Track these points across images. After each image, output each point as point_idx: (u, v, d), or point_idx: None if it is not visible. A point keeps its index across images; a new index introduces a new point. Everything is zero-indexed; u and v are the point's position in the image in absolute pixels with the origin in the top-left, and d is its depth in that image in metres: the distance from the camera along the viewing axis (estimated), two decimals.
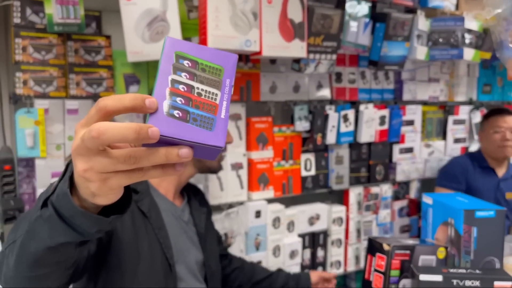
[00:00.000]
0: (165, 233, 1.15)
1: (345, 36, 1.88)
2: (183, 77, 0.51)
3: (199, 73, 0.52)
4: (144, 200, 1.15)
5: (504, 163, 2.33)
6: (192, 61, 0.52)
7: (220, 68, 0.53)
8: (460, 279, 1.05)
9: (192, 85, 0.51)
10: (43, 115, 1.44)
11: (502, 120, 2.25)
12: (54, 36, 1.47)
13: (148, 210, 1.14)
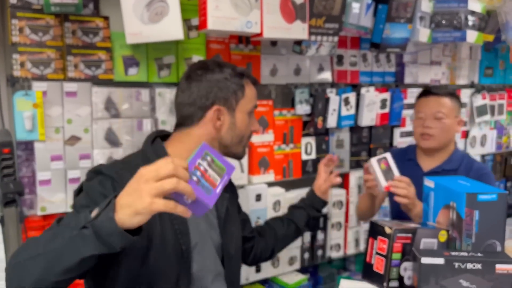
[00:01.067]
0: (181, 220, 1.12)
1: (347, 18, 1.85)
2: (204, 163, 0.90)
3: (213, 165, 0.92)
4: None
5: (436, 155, 1.82)
6: (212, 159, 0.92)
7: (224, 168, 0.93)
8: (462, 262, 1.05)
9: (207, 169, 0.90)
10: (41, 98, 1.42)
11: (424, 104, 1.80)
12: (51, 17, 1.44)
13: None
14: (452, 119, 1.76)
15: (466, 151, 2.67)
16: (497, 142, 2.81)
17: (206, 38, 1.76)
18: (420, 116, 1.79)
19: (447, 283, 1.05)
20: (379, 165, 1.53)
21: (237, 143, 1.26)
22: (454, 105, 1.79)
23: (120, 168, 1.11)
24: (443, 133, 1.75)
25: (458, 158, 1.80)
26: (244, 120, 1.25)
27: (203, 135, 1.21)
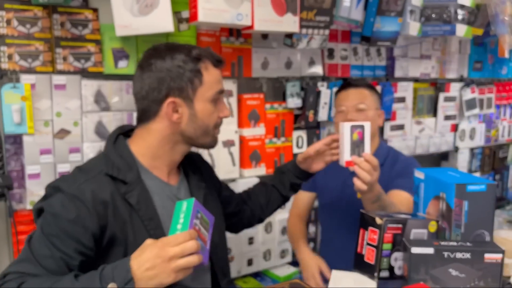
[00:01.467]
0: (156, 223, 1.08)
1: (338, 11, 1.85)
2: (198, 223, 0.97)
3: (203, 222, 0.99)
4: (134, 191, 1.06)
5: None
6: (201, 215, 1.00)
7: (208, 221, 1.02)
8: (451, 252, 1.06)
9: (200, 228, 0.97)
10: (29, 91, 1.41)
11: (344, 97, 1.69)
12: (39, 9, 1.42)
13: (137, 202, 1.06)
14: (374, 111, 1.68)
15: (456, 144, 2.70)
16: (486, 136, 2.84)
17: (197, 30, 1.75)
18: (342, 109, 1.68)
19: (437, 273, 1.06)
20: (351, 133, 1.29)
21: (202, 134, 1.14)
22: (375, 97, 1.72)
23: (82, 181, 1.03)
24: None
25: (384, 153, 1.72)
26: (206, 109, 1.12)
27: (162, 130, 1.11)
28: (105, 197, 1.02)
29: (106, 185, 1.04)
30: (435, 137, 2.57)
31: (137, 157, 1.12)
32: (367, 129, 1.31)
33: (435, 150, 2.58)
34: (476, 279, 1.06)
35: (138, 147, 1.13)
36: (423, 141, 2.52)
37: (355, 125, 1.30)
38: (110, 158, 1.08)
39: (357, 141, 1.30)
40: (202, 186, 1.24)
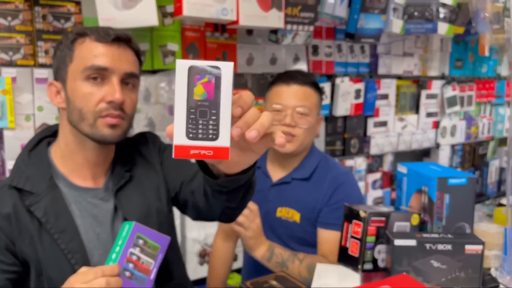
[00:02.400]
0: (70, 235, 0.95)
1: (323, 8, 1.86)
2: (136, 251, 0.87)
3: (146, 248, 0.88)
4: (41, 202, 0.94)
5: (290, 161, 1.43)
6: (144, 241, 0.88)
7: (158, 246, 0.90)
8: (433, 243, 1.08)
9: (140, 257, 0.87)
10: (10, 84, 1.38)
11: (286, 93, 1.36)
12: (20, 1, 1.39)
13: (44, 214, 0.94)
14: (316, 116, 1.40)
15: (437, 141, 2.74)
16: (466, 133, 2.90)
17: (182, 25, 1.74)
18: (278, 108, 1.35)
19: (419, 264, 1.08)
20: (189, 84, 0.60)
21: (79, 120, 0.95)
22: (318, 99, 1.42)
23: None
24: (307, 133, 1.36)
25: (311, 164, 1.41)
26: (77, 88, 0.94)
27: (62, 123, 1.01)
28: (7, 211, 0.93)
29: (8, 198, 0.94)
30: (417, 133, 2.61)
31: (55, 162, 1.01)
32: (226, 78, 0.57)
33: (417, 146, 2.62)
34: (457, 270, 1.09)
35: (56, 149, 1.02)
36: (406, 138, 2.55)
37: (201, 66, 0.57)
38: (20, 167, 0.98)
39: (203, 103, 0.57)
40: (125, 176, 1.04)
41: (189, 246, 1.86)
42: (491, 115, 3.09)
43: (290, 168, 1.43)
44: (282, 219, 1.41)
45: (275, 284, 1.03)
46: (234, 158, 0.65)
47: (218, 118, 0.57)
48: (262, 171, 1.48)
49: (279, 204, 1.42)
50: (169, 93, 1.71)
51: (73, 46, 0.96)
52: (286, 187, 1.40)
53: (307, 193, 1.38)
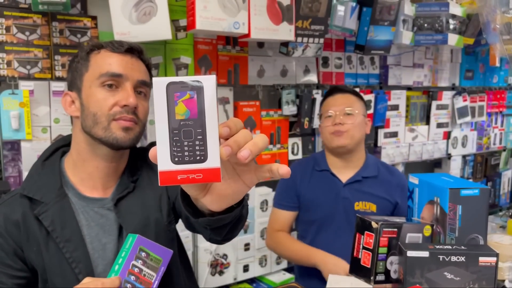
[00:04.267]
0: (75, 245, 0.97)
1: (333, 20, 1.88)
2: (139, 263, 0.89)
3: (148, 261, 0.90)
4: (49, 211, 0.96)
5: (350, 162, 1.68)
6: (147, 253, 0.90)
7: (160, 259, 0.92)
8: (446, 255, 1.08)
9: (142, 269, 0.89)
10: (28, 97, 1.41)
11: (332, 102, 1.67)
12: (38, 16, 1.44)
13: (50, 223, 0.96)
14: (361, 116, 1.67)
15: (448, 151, 2.74)
16: (478, 143, 2.89)
17: (194, 39, 1.77)
18: (329, 114, 1.65)
19: (432, 276, 1.08)
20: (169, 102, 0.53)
21: (93, 125, 0.97)
22: (361, 103, 1.70)
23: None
24: (356, 129, 1.62)
25: (374, 163, 1.71)
26: (92, 94, 0.98)
27: (75, 131, 1.03)
28: (17, 218, 0.96)
29: (18, 206, 0.97)
30: (428, 144, 2.60)
31: (67, 171, 1.04)
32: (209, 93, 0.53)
33: (428, 157, 2.61)
34: (471, 282, 1.08)
35: (68, 159, 1.05)
36: (416, 148, 2.55)
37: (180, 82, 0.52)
38: (33, 176, 1.01)
39: (186, 122, 0.53)
40: (129, 186, 1.07)
41: (201, 256, 1.87)
42: (502, 126, 3.08)
43: (355, 169, 1.68)
44: (360, 211, 1.64)
45: None
46: (221, 190, 0.59)
47: (204, 137, 0.52)
48: (330, 173, 1.70)
49: (355, 199, 1.64)
50: None
51: (88, 57, 1.01)
52: (358, 184, 1.66)
53: (378, 188, 1.65)
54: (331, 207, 1.65)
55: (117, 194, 1.04)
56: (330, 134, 1.64)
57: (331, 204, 1.65)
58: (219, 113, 0.52)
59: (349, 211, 1.63)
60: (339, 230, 1.64)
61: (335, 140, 1.63)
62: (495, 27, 2.13)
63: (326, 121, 1.66)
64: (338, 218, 1.64)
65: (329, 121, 1.65)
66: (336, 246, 1.58)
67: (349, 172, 1.68)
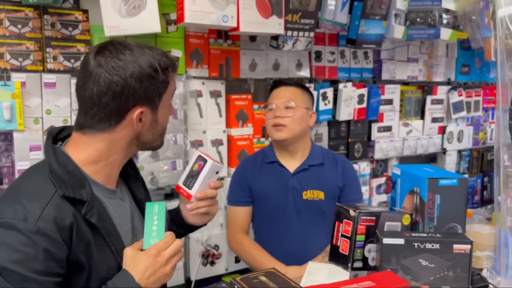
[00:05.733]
0: (116, 236, 1.03)
1: (323, 14, 1.90)
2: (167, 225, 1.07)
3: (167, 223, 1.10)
4: (93, 209, 0.97)
5: (296, 153, 1.72)
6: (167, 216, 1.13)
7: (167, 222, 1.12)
8: (421, 242, 1.10)
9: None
10: (19, 88, 1.45)
11: (275, 95, 1.72)
12: (30, 10, 1.47)
13: (98, 220, 0.98)
14: (304, 110, 1.69)
15: (443, 146, 2.74)
16: (474, 138, 2.89)
17: (186, 32, 1.80)
18: (271, 107, 1.70)
19: (407, 262, 1.10)
20: (194, 162, 1.17)
21: (158, 138, 1.09)
22: (306, 96, 1.73)
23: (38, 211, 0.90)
24: (295, 123, 1.66)
25: (319, 152, 1.76)
26: (166, 114, 1.08)
27: (121, 138, 1.02)
28: (70, 222, 0.93)
29: (66, 209, 0.94)
30: (423, 139, 2.61)
31: (83, 168, 1.00)
32: (208, 167, 1.13)
33: (422, 151, 2.63)
34: (446, 269, 1.10)
35: (86, 155, 1.01)
36: (411, 143, 2.56)
37: (201, 156, 1.16)
38: (58, 175, 0.95)
39: (194, 172, 1.15)
40: (139, 178, 1.20)
41: (192, 246, 1.90)
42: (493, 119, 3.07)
43: (302, 158, 1.73)
44: (309, 200, 1.68)
45: (264, 280, 1.06)
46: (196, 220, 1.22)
47: (195, 181, 1.14)
48: (278, 164, 1.73)
49: (303, 189, 1.68)
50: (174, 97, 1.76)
51: (168, 78, 1.04)
52: (306, 173, 1.70)
53: (324, 175, 1.71)
54: (281, 198, 1.68)
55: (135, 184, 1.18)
56: (271, 127, 1.69)
57: (281, 195, 1.68)
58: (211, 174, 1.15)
59: (298, 201, 1.68)
60: (290, 222, 1.68)
61: (275, 134, 1.68)
62: (489, 22, 2.13)
63: (268, 113, 1.71)
64: (288, 210, 1.68)
65: (271, 114, 1.69)
66: (288, 238, 1.65)
67: (296, 162, 1.72)
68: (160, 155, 1.76)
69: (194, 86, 1.85)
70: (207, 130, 1.91)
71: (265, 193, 1.71)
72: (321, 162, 1.73)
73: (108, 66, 0.96)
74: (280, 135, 1.66)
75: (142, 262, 0.96)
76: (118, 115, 0.98)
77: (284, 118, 1.65)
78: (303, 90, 1.75)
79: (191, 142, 1.86)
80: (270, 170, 1.73)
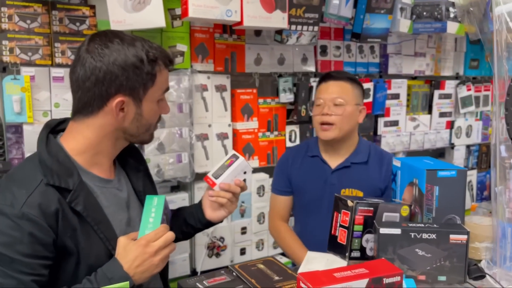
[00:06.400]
0: (105, 225, 1.04)
1: (327, 8, 1.91)
2: (165, 218, 1.11)
3: (166, 218, 1.14)
4: (79, 197, 1.00)
5: (340, 149, 1.67)
6: (167, 212, 1.15)
7: (169, 217, 1.18)
8: (418, 233, 1.11)
9: (166, 223, 1.12)
10: (29, 82, 1.49)
11: (324, 89, 1.63)
12: (38, 5, 1.51)
13: (84, 208, 1.00)
14: (353, 106, 1.61)
15: (451, 141, 2.73)
16: (483, 133, 2.86)
17: (191, 27, 1.83)
18: (319, 103, 1.62)
19: (404, 252, 1.11)
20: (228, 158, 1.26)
21: (144, 132, 1.10)
22: (356, 91, 1.65)
23: (24, 197, 0.95)
24: (344, 121, 1.59)
25: (365, 149, 1.68)
26: (153, 109, 1.08)
27: (105, 126, 1.05)
28: (55, 208, 0.97)
29: (52, 196, 0.97)
30: (430, 133, 2.60)
31: (74, 156, 1.04)
32: (238, 163, 1.23)
33: (430, 146, 2.62)
34: (442, 259, 1.11)
35: (76, 144, 1.05)
36: (418, 138, 2.55)
37: (235, 154, 1.25)
38: (46, 164, 0.99)
39: (224, 166, 1.24)
40: (140, 169, 1.22)
41: (198, 238, 1.93)
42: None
43: (346, 154, 1.67)
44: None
45: (262, 268, 1.09)
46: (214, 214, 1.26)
47: (223, 173, 1.22)
48: (320, 159, 1.69)
49: (342, 186, 1.63)
50: (178, 92, 1.79)
51: (154, 71, 1.05)
52: (346, 171, 1.64)
53: (367, 174, 1.63)
54: (319, 193, 1.66)
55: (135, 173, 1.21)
56: (318, 124, 1.62)
57: (319, 190, 1.65)
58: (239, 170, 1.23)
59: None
60: (326, 216, 1.58)
61: (322, 133, 1.62)
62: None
63: (316, 109, 1.64)
64: (325, 204, 1.63)
65: (319, 110, 1.62)
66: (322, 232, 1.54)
67: (339, 158, 1.67)
68: (166, 148, 1.79)
69: (200, 80, 1.88)
70: (213, 123, 1.93)
71: (302, 186, 1.69)
72: (365, 160, 1.65)
73: (95, 52, 1.00)
74: (328, 134, 1.59)
75: (131, 252, 0.98)
76: (99, 101, 1.01)
77: (332, 116, 1.58)
78: (354, 84, 1.65)
79: (196, 136, 1.89)
80: (312, 164, 1.68)
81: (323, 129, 1.60)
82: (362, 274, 0.90)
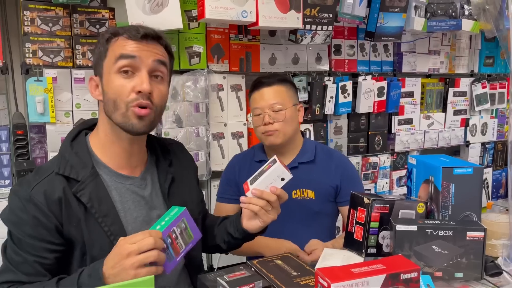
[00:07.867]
0: (112, 219, 1.04)
1: (342, 8, 1.92)
2: (178, 231, 0.98)
3: (184, 233, 1.00)
4: (86, 189, 1.02)
5: (286, 151, 1.59)
6: (185, 226, 1.01)
7: (192, 236, 1.02)
8: (434, 229, 1.12)
9: (177, 237, 0.98)
10: (51, 83, 1.54)
11: (259, 97, 1.55)
12: (60, 9, 1.56)
13: (89, 199, 1.02)
14: (292, 108, 1.55)
15: (466, 139, 2.72)
16: (498, 131, 2.85)
17: (207, 28, 1.86)
18: (257, 112, 1.55)
19: (420, 249, 1.12)
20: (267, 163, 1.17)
21: (113, 111, 1.02)
22: (290, 92, 1.58)
23: (34, 184, 1.01)
24: (287, 125, 1.53)
25: (311, 148, 1.61)
26: (111, 80, 1.02)
27: (102, 114, 1.08)
28: (58, 195, 1.00)
29: (58, 184, 1.01)
30: (445, 131, 2.60)
31: (95, 151, 1.08)
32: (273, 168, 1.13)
33: (444, 144, 2.61)
34: (459, 256, 1.12)
35: (96, 137, 1.10)
36: (432, 136, 2.55)
37: (274, 159, 1.15)
38: (65, 156, 1.05)
39: (262, 171, 1.15)
40: (170, 171, 1.17)
41: None
42: None
43: (292, 156, 1.59)
44: (298, 199, 1.56)
45: (280, 263, 1.11)
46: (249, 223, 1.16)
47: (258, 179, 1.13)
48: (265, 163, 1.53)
49: (292, 188, 1.54)
50: (195, 92, 1.83)
51: (107, 44, 1.04)
52: (295, 172, 1.48)
53: (316, 173, 1.57)
54: None
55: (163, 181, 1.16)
56: (261, 133, 1.55)
57: None
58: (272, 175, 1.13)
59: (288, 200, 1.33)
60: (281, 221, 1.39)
61: (267, 139, 1.54)
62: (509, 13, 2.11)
63: (256, 120, 1.56)
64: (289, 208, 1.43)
65: (259, 121, 1.54)
66: (280, 237, 1.52)
67: (286, 160, 1.57)
68: None
69: (216, 80, 1.91)
70: (228, 123, 1.96)
71: None
72: (312, 158, 1.59)
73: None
74: (273, 140, 1.53)
75: (112, 251, 0.93)
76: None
77: (275, 124, 1.51)
78: (286, 85, 1.58)
79: (212, 135, 1.92)
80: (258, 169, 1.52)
81: (268, 134, 1.53)
82: (379, 270, 0.91)
